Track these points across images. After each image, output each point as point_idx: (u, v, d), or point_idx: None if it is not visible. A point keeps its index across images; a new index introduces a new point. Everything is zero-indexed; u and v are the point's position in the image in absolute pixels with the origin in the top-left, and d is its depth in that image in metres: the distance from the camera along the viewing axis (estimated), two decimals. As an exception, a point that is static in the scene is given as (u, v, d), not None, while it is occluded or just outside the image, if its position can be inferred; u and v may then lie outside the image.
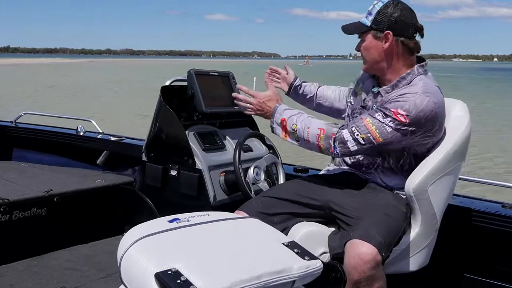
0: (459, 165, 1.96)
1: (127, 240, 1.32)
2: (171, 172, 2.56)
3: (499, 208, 2.27)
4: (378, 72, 1.99)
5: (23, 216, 2.55)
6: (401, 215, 1.86)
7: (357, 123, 1.83)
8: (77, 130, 3.51)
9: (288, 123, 1.95)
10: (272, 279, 1.22)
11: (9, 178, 2.91)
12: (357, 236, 1.67)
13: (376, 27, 1.89)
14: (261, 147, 2.73)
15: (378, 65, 1.95)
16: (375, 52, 1.92)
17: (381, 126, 1.79)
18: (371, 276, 1.63)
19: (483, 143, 10.56)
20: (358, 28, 1.95)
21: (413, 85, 1.86)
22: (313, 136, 1.89)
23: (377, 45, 1.91)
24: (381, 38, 1.89)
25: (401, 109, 1.77)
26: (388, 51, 1.90)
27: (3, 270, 2.31)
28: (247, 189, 2.24)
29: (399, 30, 1.87)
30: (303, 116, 1.95)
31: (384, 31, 1.88)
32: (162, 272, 1.16)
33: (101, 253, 2.60)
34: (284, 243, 1.38)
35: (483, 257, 2.27)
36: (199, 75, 2.57)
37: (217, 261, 1.24)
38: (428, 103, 1.78)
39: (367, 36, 1.93)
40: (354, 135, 1.82)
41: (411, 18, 1.89)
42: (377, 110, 1.83)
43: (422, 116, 1.77)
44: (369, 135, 1.80)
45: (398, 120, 1.77)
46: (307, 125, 1.91)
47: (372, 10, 1.90)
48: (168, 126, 2.57)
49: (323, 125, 1.90)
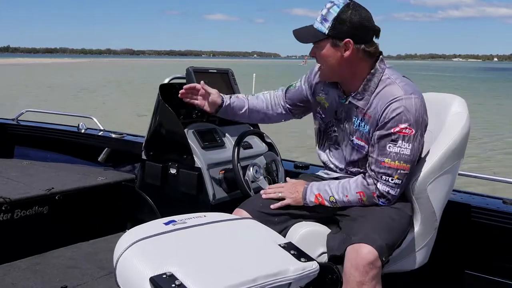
0: (457, 163, 1.95)
1: (123, 243, 1.32)
2: (170, 171, 2.57)
3: (500, 204, 2.26)
4: (338, 80, 1.91)
5: (24, 215, 2.56)
6: (406, 218, 1.84)
7: (382, 170, 1.78)
8: (79, 127, 3.51)
9: (324, 198, 1.87)
10: (268, 281, 1.21)
11: (11, 176, 2.92)
12: (358, 240, 1.65)
13: (335, 35, 1.77)
14: (261, 144, 2.72)
15: (337, 73, 1.86)
16: (334, 61, 1.81)
17: (400, 155, 1.75)
18: (373, 276, 1.62)
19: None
20: (314, 36, 1.81)
21: (390, 88, 1.79)
22: (355, 202, 1.84)
23: (335, 54, 1.80)
24: (340, 46, 1.78)
25: (401, 123, 1.73)
26: (349, 59, 1.80)
27: (5, 269, 2.31)
28: (246, 188, 2.24)
29: (359, 37, 1.77)
30: (334, 184, 1.88)
31: (344, 39, 1.76)
32: (157, 276, 1.16)
33: (103, 250, 2.60)
34: (280, 245, 1.37)
35: (484, 253, 2.26)
36: (198, 72, 2.57)
37: (213, 265, 1.24)
38: (415, 101, 1.75)
39: (324, 44, 1.80)
40: (389, 182, 1.78)
41: (369, 22, 1.78)
42: (383, 143, 1.77)
43: (418, 116, 1.75)
44: (399, 171, 1.77)
45: (406, 135, 1.74)
46: (344, 193, 1.84)
47: (328, 15, 1.77)
48: (167, 124, 2.57)
49: (359, 186, 1.83)
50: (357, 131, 1.89)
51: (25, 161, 3.41)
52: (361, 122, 1.86)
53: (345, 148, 1.97)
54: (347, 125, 1.93)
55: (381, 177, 1.78)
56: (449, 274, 2.32)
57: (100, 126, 3.53)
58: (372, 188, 1.80)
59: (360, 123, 1.87)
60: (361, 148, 1.89)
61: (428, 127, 2.08)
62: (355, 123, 1.88)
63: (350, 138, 1.92)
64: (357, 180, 1.85)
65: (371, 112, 1.82)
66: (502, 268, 2.20)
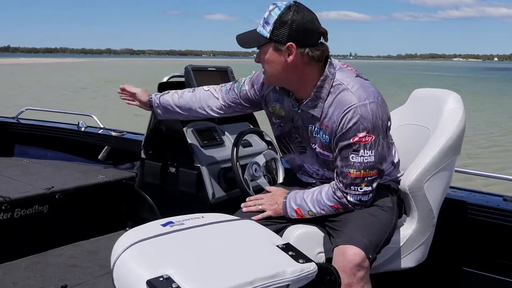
0: (454, 159, 1.94)
1: (120, 245, 1.32)
2: (169, 169, 2.57)
3: (500, 201, 2.26)
4: (285, 86, 1.84)
5: (24, 214, 2.56)
6: (388, 212, 1.83)
7: (349, 181, 1.75)
8: (79, 125, 3.52)
9: (303, 212, 1.85)
10: (265, 283, 1.21)
11: (11, 175, 2.92)
12: (342, 242, 1.66)
13: (276, 39, 1.68)
14: (260, 142, 2.72)
15: (283, 79, 1.78)
16: (278, 66, 1.73)
17: (364, 164, 1.71)
18: (361, 278, 1.62)
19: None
20: (256, 40, 1.73)
21: (343, 96, 1.72)
22: (333, 212, 1.82)
23: (279, 58, 1.71)
24: (283, 51, 1.69)
25: (359, 132, 1.67)
26: (293, 64, 1.71)
27: (6, 268, 2.32)
28: (245, 186, 2.23)
29: (302, 40, 1.68)
30: (309, 197, 1.84)
31: (286, 43, 1.68)
32: (154, 279, 1.16)
33: (103, 249, 2.61)
34: (278, 246, 1.37)
35: (484, 251, 2.26)
36: (197, 70, 2.56)
37: (210, 267, 1.23)
38: (370, 106, 1.68)
39: (267, 48, 1.72)
40: (359, 191, 1.75)
41: (313, 24, 1.69)
42: (345, 154, 1.72)
43: (376, 121, 1.68)
44: (366, 178, 1.74)
45: (367, 143, 1.68)
46: (320, 207, 1.82)
47: (269, 18, 1.68)
48: (166, 123, 2.56)
49: (331, 200, 1.80)
50: (318, 140, 1.84)
51: (25, 160, 3.42)
52: (319, 131, 1.81)
53: (313, 154, 1.92)
54: (305, 133, 1.88)
55: (350, 187, 1.75)
56: (448, 272, 2.32)
57: (100, 124, 3.54)
58: (343, 201, 1.78)
59: (318, 132, 1.81)
60: (325, 157, 1.86)
61: (423, 123, 2.06)
62: (314, 131, 1.83)
63: (312, 147, 1.88)
64: (328, 193, 1.81)
65: (328, 122, 1.76)
66: (501, 266, 2.20)
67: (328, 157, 1.84)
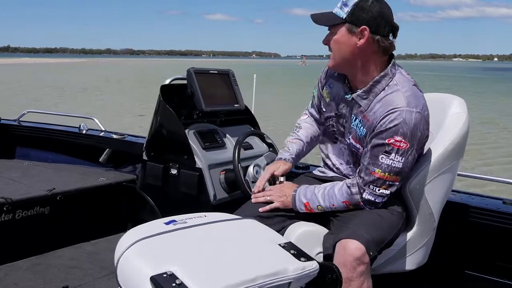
0: (456, 163, 1.95)
1: (124, 243, 1.33)
2: (171, 171, 2.58)
3: (500, 204, 2.27)
4: (347, 71, 1.87)
5: (26, 215, 2.58)
6: (396, 216, 1.84)
7: (370, 179, 1.76)
8: (80, 128, 3.53)
9: (312, 207, 1.88)
10: (267, 281, 1.22)
11: (12, 177, 2.94)
12: (345, 236, 1.67)
13: (352, 21, 1.74)
14: (261, 145, 2.73)
15: (348, 63, 1.81)
16: (347, 48, 1.77)
17: (391, 167, 1.73)
18: (360, 273, 1.64)
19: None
20: (331, 19, 1.78)
21: (392, 96, 1.76)
22: (342, 209, 1.85)
23: (350, 40, 1.76)
24: (356, 33, 1.75)
25: (397, 136, 1.70)
26: (362, 49, 1.76)
27: (7, 269, 2.32)
28: (246, 188, 2.25)
29: (376, 27, 1.74)
30: (320, 192, 1.87)
31: (360, 26, 1.73)
32: (158, 275, 1.17)
33: (104, 250, 2.62)
34: (280, 244, 1.38)
35: (484, 254, 2.27)
36: (199, 73, 2.58)
37: (213, 264, 1.24)
38: (415, 115, 1.71)
39: (340, 29, 1.77)
40: (376, 192, 1.77)
41: (389, 16, 1.76)
42: (376, 152, 1.74)
43: (416, 131, 1.72)
44: (388, 182, 1.76)
45: (400, 148, 1.71)
46: (331, 202, 1.84)
47: (349, 1, 1.75)
48: (167, 125, 2.58)
49: (344, 196, 1.82)
50: (353, 132, 1.88)
51: (27, 162, 3.43)
52: (359, 123, 1.85)
53: (343, 146, 1.97)
54: (345, 123, 1.92)
55: (369, 186, 1.77)
56: (449, 275, 2.32)
57: (101, 127, 3.55)
58: (357, 197, 1.80)
59: (358, 124, 1.85)
60: (355, 149, 1.89)
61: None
62: (353, 122, 1.87)
63: (347, 137, 1.92)
64: (342, 189, 1.83)
65: (370, 116, 1.80)
66: (502, 269, 2.21)
67: (358, 151, 1.87)
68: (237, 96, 2.78)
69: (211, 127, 2.69)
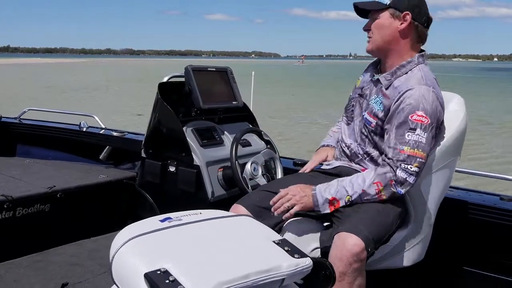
0: (453, 160, 1.96)
1: (119, 240, 1.33)
2: (169, 168, 2.59)
3: (497, 200, 2.28)
4: (382, 54, 1.96)
5: (26, 213, 2.59)
6: (394, 213, 1.85)
7: (401, 158, 1.77)
8: (80, 125, 3.55)
9: (340, 200, 1.82)
10: (260, 277, 1.22)
11: (13, 175, 2.95)
12: (345, 229, 1.68)
13: (395, 6, 1.86)
14: (259, 142, 2.74)
15: (386, 46, 1.91)
16: (388, 31, 1.88)
17: (419, 143, 1.76)
18: (355, 269, 1.65)
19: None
20: (375, 5, 1.90)
21: (412, 75, 1.85)
22: (373, 195, 1.82)
23: (392, 24, 1.88)
24: (398, 17, 1.87)
25: (418, 111, 1.76)
26: (402, 33, 1.88)
27: (7, 266, 2.33)
28: (244, 185, 2.26)
29: (416, 14, 1.86)
30: (345, 182, 1.84)
31: (403, 11, 1.86)
32: (152, 272, 1.18)
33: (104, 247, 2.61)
34: (274, 241, 1.38)
35: (482, 250, 2.28)
36: (197, 71, 2.59)
37: (206, 261, 1.25)
38: (432, 93, 1.79)
39: (383, 14, 1.89)
40: (409, 170, 1.77)
41: (426, 7, 1.90)
42: (401, 131, 1.77)
43: (435, 108, 1.78)
44: (418, 159, 1.77)
45: (423, 124, 1.75)
46: (361, 187, 1.81)
47: None
48: (165, 123, 2.59)
49: (375, 176, 1.81)
50: (370, 107, 1.93)
51: (27, 159, 3.45)
52: (378, 99, 1.90)
53: (357, 123, 2.01)
54: (365, 101, 1.98)
55: (400, 164, 1.78)
56: (446, 271, 2.33)
57: (102, 125, 3.57)
58: (389, 175, 1.79)
59: (377, 101, 1.91)
60: (368, 123, 1.92)
61: None
62: (373, 100, 1.93)
63: (362, 113, 1.97)
64: (371, 171, 1.83)
65: (390, 93, 1.86)
66: (499, 265, 2.22)
67: (370, 124, 1.91)
68: (235, 94, 2.79)
69: (209, 124, 2.70)
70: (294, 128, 12.58)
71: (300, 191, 1.85)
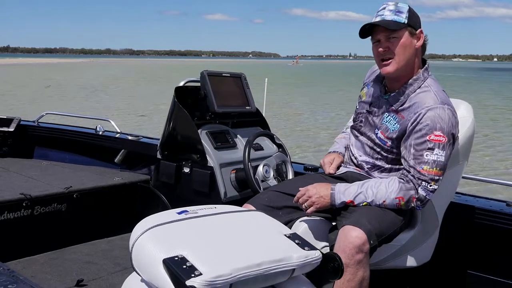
0: (461, 165, 2.00)
1: (138, 229, 1.39)
2: (184, 169, 2.65)
3: (503, 206, 2.30)
4: (403, 73, 1.93)
5: (44, 211, 2.66)
6: (397, 212, 1.89)
7: (422, 177, 1.82)
8: (96, 129, 3.62)
9: (357, 203, 1.88)
10: (272, 267, 1.27)
11: (31, 175, 3.03)
12: (348, 223, 1.75)
13: (412, 24, 1.88)
14: (271, 146, 2.80)
15: (409, 65, 1.91)
16: (411, 50, 1.89)
17: (438, 162, 1.81)
18: (358, 260, 1.70)
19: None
20: (396, 25, 1.87)
21: (423, 96, 1.87)
22: (392, 205, 1.87)
23: (412, 43, 1.89)
24: (415, 36, 1.89)
25: (436, 131, 1.80)
26: (418, 51, 1.92)
27: (25, 263, 2.40)
28: (256, 186, 2.31)
29: (422, 29, 1.92)
30: (366, 187, 1.88)
31: (417, 28, 1.90)
32: (170, 258, 1.23)
33: (118, 248, 2.69)
34: (286, 235, 1.43)
35: (488, 254, 2.31)
36: (212, 76, 2.65)
37: (221, 250, 1.30)
38: (448, 111, 1.82)
39: (403, 33, 1.87)
40: (428, 188, 1.83)
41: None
42: (420, 152, 1.82)
43: (451, 126, 1.82)
44: (436, 177, 1.83)
45: (441, 143, 1.80)
46: (383, 198, 1.86)
47: (400, 8, 1.88)
48: (181, 125, 2.66)
49: (398, 191, 1.85)
50: (384, 127, 1.95)
51: (45, 162, 3.53)
52: (391, 120, 1.93)
53: (366, 140, 2.03)
54: (375, 119, 2.00)
55: (422, 183, 1.83)
56: (452, 273, 2.37)
57: (117, 129, 3.62)
58: (412, 192, 1.85)
59: (390, 120, 1.93)
60: (382, 143, 1.96)
61: None
62: (385, 119, 1.95)
63: (375, 132, 1.99)
64: (394, 184, 1.86)
65: (405, 114, 1.89)
66: (504, 269, 2.25)
67: (385, 144, 1.94)
68: (249, 99, 2.85)
69: (223, 128, 2.77)
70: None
71: (317, 193, 1.90)
